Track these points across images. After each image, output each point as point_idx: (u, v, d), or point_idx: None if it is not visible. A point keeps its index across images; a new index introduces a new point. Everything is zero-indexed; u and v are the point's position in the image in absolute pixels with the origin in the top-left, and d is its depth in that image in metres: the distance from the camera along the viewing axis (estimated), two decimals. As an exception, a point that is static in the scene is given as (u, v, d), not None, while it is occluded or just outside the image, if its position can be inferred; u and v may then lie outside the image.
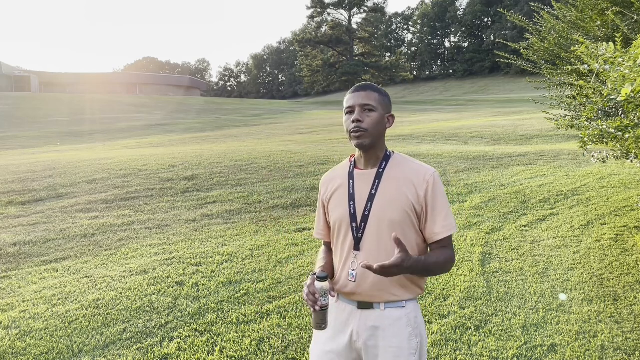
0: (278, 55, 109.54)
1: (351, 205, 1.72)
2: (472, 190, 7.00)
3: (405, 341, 1.70)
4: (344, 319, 1.75)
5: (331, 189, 1.81)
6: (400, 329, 1.70)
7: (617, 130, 3.06)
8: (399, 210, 1.66)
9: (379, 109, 1.70)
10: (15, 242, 5.20)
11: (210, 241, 5.15)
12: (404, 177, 1.70)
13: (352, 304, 1.74)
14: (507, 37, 60.22)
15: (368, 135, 1.67)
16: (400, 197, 1.67)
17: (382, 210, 1.68)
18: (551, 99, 5.92)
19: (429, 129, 16.05)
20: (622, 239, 4.89)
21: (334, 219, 1.77)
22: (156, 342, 3.15)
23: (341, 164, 1.87)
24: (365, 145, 1.69)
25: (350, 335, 1.73)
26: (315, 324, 1.65)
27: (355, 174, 1.76)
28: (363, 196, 1.71)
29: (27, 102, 36.63)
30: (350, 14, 61.75)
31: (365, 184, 1.73)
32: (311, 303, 1.59)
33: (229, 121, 26.36)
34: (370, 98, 1.69)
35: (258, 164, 9.10)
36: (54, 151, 14.72)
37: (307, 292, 1.60)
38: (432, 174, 1.70)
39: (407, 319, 1.72)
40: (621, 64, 2.72)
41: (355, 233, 1.71)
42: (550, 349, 3.02)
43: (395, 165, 1.74)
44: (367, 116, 1.68)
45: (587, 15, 5.38)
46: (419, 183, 1.68)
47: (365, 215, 1.69)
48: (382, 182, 1.71)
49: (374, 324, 1.71)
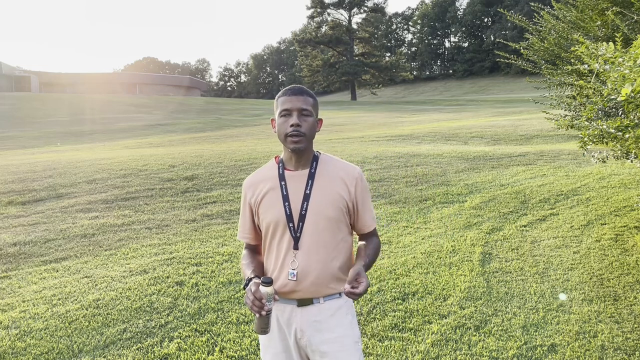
0: (278, 55, 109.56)
1: (286, 206, 1.77)
2: (472, 190, 7.00)
3: (348, 329, 1.79)
4: (286, 319, 1.80)
5: (260, 192, 1.82)
6: (341, 318, 1.79)
7: (617, 130, 3.06)
8: (334, 208, 1.76)
9: (314, 114, 1.78)
10: (15, 242, 5.20)
11: (210, 241, 5.15)
12: (335, 175, 1.80)
13: (291, 303, 1.79)
14: (507, 37, 60.19)
15: (305, 139, 1.74)
16: (335, 195, 1.77)
17: (318, 208, 1.76)
18: (551, 99, 5.93)
19: (429, 129, 16.05)
20: (622, 239, 4.89)
21: (268, 221, 1.79)
22: (156, 342, 3.15)
23: (264, 167, 1.90)
24: (302, 149, 1.76)
25: (294, 334, 1.79)
26: (260, 329, 1.67)
27: (287, 176, 1.81)
28: (298, 196, 1.77)
29: (27, 102, 36.63)
30: (350, 14, 61.70)
31: (298, 184, 1.79)
32: (257, 309, 1.60)
33: (229, 121, 26.36)
34: (307, 103, 1.75)
35: (258, 164, 9.10)
36: (54, 151, 14.72)
37: (252, 298, 1.61)
38: (359, 172, 1.84)
39: (346, 307, 1.82)
40: (621, 64, 2.72)
41: (293, 233, 1.76)
42: (550, 349, 3.02)
43: (325, 165, 1.82)
44: (305, 121, 1.74)
45: (587, 15, 5.38)
46: (350, 181, 1.80)
47: (303, 214, 1.76)
48: (315, 181, 1.78)
49: (316, 318, 1.77)
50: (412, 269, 4.30)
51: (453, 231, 5.30)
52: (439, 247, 4.81)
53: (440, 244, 4.92)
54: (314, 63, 59.72)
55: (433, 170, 8.38)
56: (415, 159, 9.39)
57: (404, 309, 3.54)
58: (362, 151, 10.65)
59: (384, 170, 8.38)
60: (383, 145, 12.08)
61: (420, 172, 8.19)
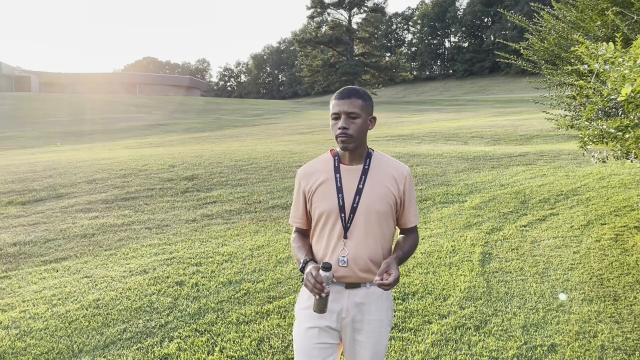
0: (278, 55, 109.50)
1: (340, 197, 1.90)
2: (472, 190, 7.00)
3: (384, 313, 1.95)
4: (333, 298, 1.90)
5: (315, 182, 1.95)
6: (382, 303, 1.95)
7: (617, 130, 3.06)
8: (384, 203, 1.90)
9: (363, 115, 1.87)
10: (15, 242, 5.20)
11: (210, 241, 5.15)
12: (386, 172, 1.93)
13: (339, 285, 1.91)
14: (507, 37, 60.19)
15: (353, 140, 1.86)
16: (385, 191, 1.91)
17: (369, 202, 1.89)
18: (551, 99, 5.92)
19: (429, 129, 16.05)
20: (622, 239, 4.89)
21: (321, 209, 1.92)
22: (156, 342, 3.15)
23: (320, 158, 2.03)
24: (351, 149, 1.89)
25: (338, 313, 1.91)
26: (319, 309, 1.78)
27: (342, 169, 1.94)
28: (351, 189, 1.90)
29: (27, 102, 36.63)
30: (350, 14, 61.67)
31: (352, 178, 1.91)
32: (318, 291, 1.71)
33: (229, 121, 26.36)
34: (355, 106, 1.85)
35: (258, 164, 9.10)
36: (54, 151, 14.72)
37: (313, 282, 1.72)
38: (408, 170, 1.97)
39: (387, 294, 1.98)
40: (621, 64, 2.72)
41: (344, 223, 1.89)
42: (550, 349, 3.02)
43: (377, 162, 1.95)
44: (352, 123, 1.85)
45: (587, 15, 5.38)
46: (399, 178, 1.93)
47: (354, 207, 1.89)
48: (368, 177, 1.91)
49: (361, 301, 1.92)
50: (412, 269, 4.30)
51: (453, 231, 5.30)
52: (439, 247, 4.81)
53: (440, 244, 4.92)
54: (314, 63, 59.70)
55: (433, 170, 8.38)
56: (415, 159, 9.39)
57: (404, 309, 3.54)
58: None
59: (384, 170, 8.37)
60: (383, 145, 12.07)
61: (420, 172, 8.19)
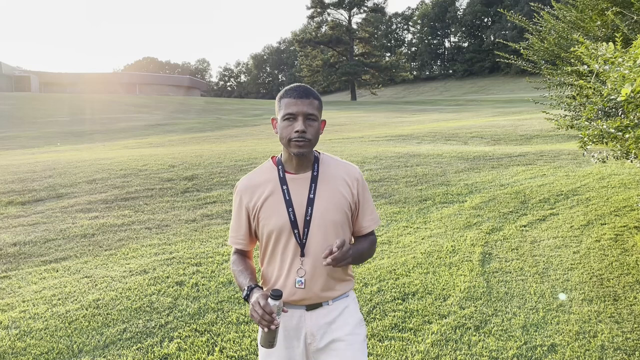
0: (278, 55, 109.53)
1: (290, 211, 1.69)
2: (472, 190, 7.00)
3: (356, 327, 1.77)
4: (294, 325, 1.74)
5: (260, 196, 1.73)
6: (349, 316, 1.77)
7: (617, 130, 3.06)
8: (339, 211, 1.71)
9: (319, 117, 1.70)
10: (15, 242, 5.20)
11: (210, 241, 5.15)
12: (337, 177, 1.74)
13: (300, 308, 1.73)
14: (507, 37, 60.22)
15: (310, 144, 1.66)
16: (339, 197, 1.72)
17: (324, 213, 1.69)
18: (551, 99, 5.92)
19: (429, 129, 16.05)
20: (622, 239, 4.89)
21: (271, 227, 1.70)
22: (156, 342, 3.15)
23: (262, 167, 1.82)
24: (306, 154, 1.69)
25: (304, 339, 1.73)
26: (267, 343, 1.57)
27: (288, 179, 1.72)
28: (302, 201, 1.69)
29: (27, 102, 36.62)
30: (350, 14, 61.70)
31: (301, 188, 1.71)
32: (267, 323, 1.50)
33: (229, 121, 26.36)
34: (313, 107, 1.66)
35: (258, 164, 9.09)
36: (54, 151, 14.72)
37: (261, 312, 1.50)
38: (359, 171, 1.79)
39: (354, 305, 1.81)
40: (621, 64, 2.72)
41: (299, 239, 1.69)
42: (550, 349, 3.02)
43: (326, 167, 1.76)
44: (310, 126, 1.66)
45: (587, 15, 5.38)
46: (351, 182, 1.75)
47: (307, 220, 1.69)
48: (318, 185, 1.71)
49: (325, 320, 1.74)
50: (412, 269, 4.30)
51: (453, 231, 5.30)
52: (439, 247, 4.81)
53: (440, 244, 4.92)
54: (314, 63, 59.73)
55: (433, 170, 8.38)
56: (415, 159, 9.39)
57: (403, 309, 3.54)
58: (362, 151, 10.64)
59: (384, 170, 8.37)
60: (383, 146, 12.08)
61: (420, 172, 8.19)
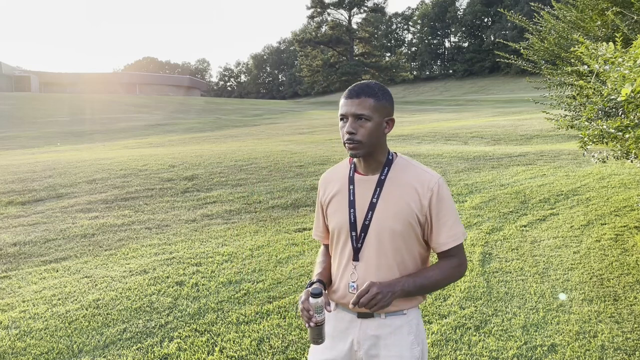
0: (278, 55, 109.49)
1: (351, 213, 1.63)
2: (472, 190, 7.00)
3: (407, 350, 1.64)
4: (343, 328, 1.69)
5: (330, 193, 1.71)
6: (401, 337, 1.64)
7: (617, 130, 3.06)
8: (402, 221, 1.58)
9: (374, 117, 1.55)
10: (15, 242, 5.20)
11: (210, 241, 5.15)
12: (407, 184, 1.60)
13: (351, 313, 1.67)
14: (507, 37, 60.21)
15: (362, 146, 1.56)
16: (403, 206, 1.58)
17: (383, 220, 1.59)
18: (551, 99, 5.92)
19: (429, 129, 16.05)
20: (622, 239, 4.89)
21: (333, 224, 1.68)
22: (156, 342, 3.15)
23: (341, 163, 1.76)
24: (361, 156, 1.60)
25: (350, 344, 1.67)
26: (311, 339, 1.58)
27: (356, 179, 1.65)
28: (364, 204, 1.62)
29: (27, 102, 36.61)
30: (350, 14, 61.72)
31: (366, 190, 1.63)
32: (306, 319, 1.53)
33: (229, 121, 26.35)
34: (364, 107, 1.54)
35: (258, 164, 9.10)
36: (54, 151, 14.72)
37: (301, 307, 1.54)
38: (437, 181, 1.59)
39: (409, 326, 1.66)
40: (621, 64, 2.72)
41: (354, 243, 1.62)
42: (550, 349, 3.02)
43: (398, 171, 1.63)
44: (361, 126, 1.55)
45: (587, 15, 5.38)
46: (423, 192, 1.58)
47: (366, 224, 1.60)
48: (383, 189, 1.60)
49: (375, 333, 1.64)
50: (412, 269, 4.30)
51: (453, 231, 5.29)
52: (439, 247, 4.81)
53: (440, 244, 4.91)
54: (314, 63, 59.73)
55: (433, 170, 8.38)
56: (415, 159, 9.35)
57: (404, 309, 3.54)
58: (362, 151, 10.62)
59: (384, 170, 8.37)
60: (383, 145, 12.05)
61: (420, 172, 8.18)
